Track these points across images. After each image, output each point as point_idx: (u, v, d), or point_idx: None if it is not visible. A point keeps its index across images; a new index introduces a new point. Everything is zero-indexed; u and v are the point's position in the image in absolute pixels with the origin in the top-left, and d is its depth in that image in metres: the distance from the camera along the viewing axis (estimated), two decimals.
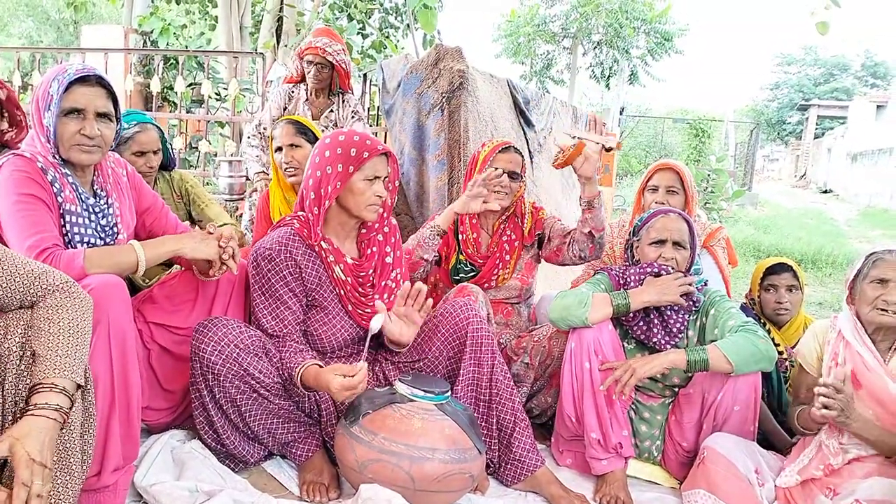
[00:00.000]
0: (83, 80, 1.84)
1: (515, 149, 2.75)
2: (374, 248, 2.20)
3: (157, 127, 2.88)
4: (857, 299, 2.08)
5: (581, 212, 2.61)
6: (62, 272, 1.56)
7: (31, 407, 1.37)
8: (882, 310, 1.99)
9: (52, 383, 1.40)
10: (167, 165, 3.00)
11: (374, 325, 1.93)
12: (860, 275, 2.07)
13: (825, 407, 1.86)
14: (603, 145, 2.54)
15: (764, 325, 2.74)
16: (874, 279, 2.02)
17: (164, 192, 2.96)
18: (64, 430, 1.47)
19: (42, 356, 1.42)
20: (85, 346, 1.50)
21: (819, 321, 2.26)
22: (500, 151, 2.70)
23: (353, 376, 1.79)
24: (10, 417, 1.44)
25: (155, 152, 2.83)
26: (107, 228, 1.98)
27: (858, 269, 2.08)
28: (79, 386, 1.46)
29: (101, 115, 1.88)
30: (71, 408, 1.43)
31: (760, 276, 2.77)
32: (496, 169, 2.60)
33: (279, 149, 2.96)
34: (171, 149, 3.04)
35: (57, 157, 1.87)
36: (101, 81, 1.89)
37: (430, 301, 2.05)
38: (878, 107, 24.73)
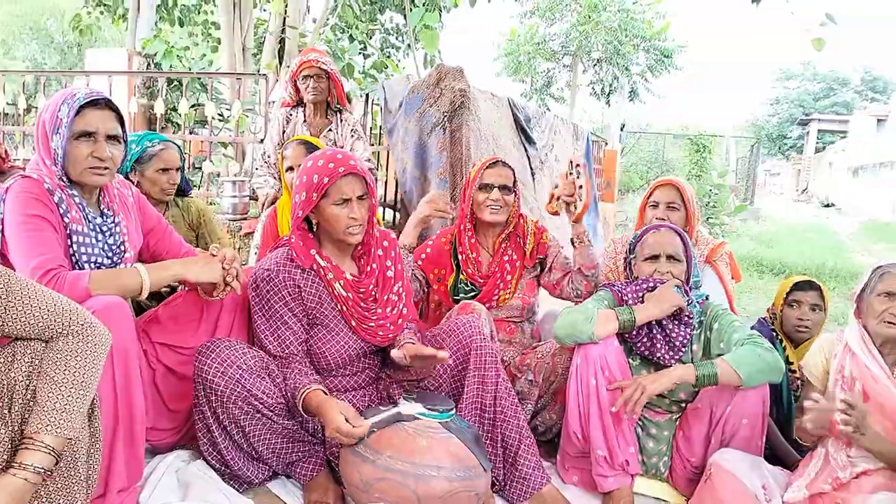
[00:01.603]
0: (93, 103, 1.88)
1: (504, 163, 2.78)
2: (375, 264, 2.20)
3: (179, 149, 2.94)
4: (864, 313, 2.09)
5: (573, 248, 2.68)
6: (85, 311, 1.56)
7: (15, 465, 1.40)
8: (889, 322, 2.00)
9: (42, 441, 1.41)
10: (182, 191, 3.02)
11: (404, 410, 1.91)
12: (867, 288, 2.09)
13: (844, 423, 1.86)
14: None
15: (780, 341, 2.73)
16: (881, 292, 2.04)
17: (174, 217, 2.97)
18: (69, 452, 1.48)
19: (40, 405, 1.43)
20: (88, 396, 1.51)
21: (825, 335, 2.26)
22: (487, 167, 2.74)
23: (353, 427, 1.81)
24: (17, 443, 1.44)
25: (177, 170, 2.87)
26: (114, 247, 2.00)
27: (865, 283, 2.10)
28: (69, 439, 1.47)
29: (111, 138, 1.92)
30: (57, 463, 1.45)
31: (786, 292, 2.76)
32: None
33: (290, 168, 3.03)
34: (186, 174, 3.07)
35: (64, 178, 1.89)
36: (109, 104, 1.93)
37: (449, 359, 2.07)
38: (879, 121, 24.83)
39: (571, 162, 2.73)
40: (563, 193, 2.69)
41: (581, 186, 2.63)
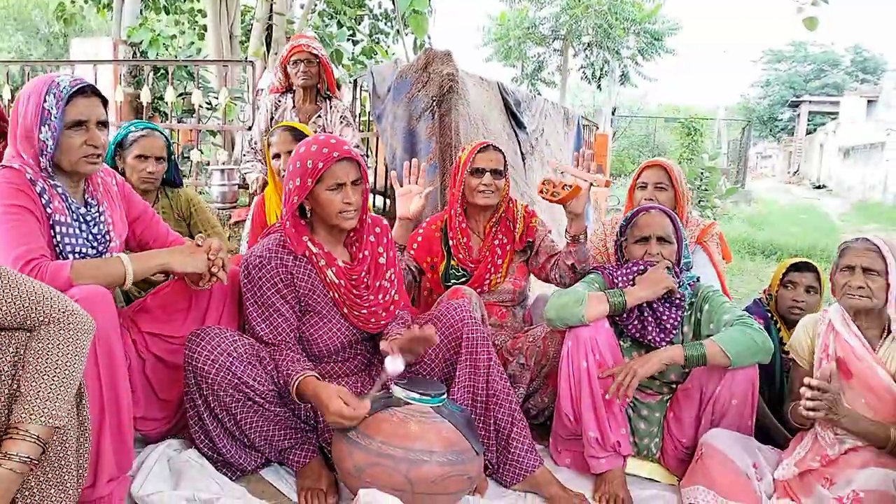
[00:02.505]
0: (80, 91, 1.86)
1: (495, 147, 2.76)
2: (367, 251, 2.19)
3: (167, 139, 2.87)
4: (835, 289, 2.12)
5: (566, 243, 2.64)
6: (67, 299, 1.55)
7: (0, 455, 1.39)
8: (850, 294, 2.04)
9: (27, 430, 1.40)
10: (173, 182, 2.97)
11: (391, 369, 1.92)
12: (835, 266, 2.13)
13: (812, 409, 1.88)
14: (591, 182, 2.56)
15: (775, 322, 2.74)
16: (843, 267, 2.08)
17: (164, 208, 2.93)
18: (58, 442, 1.47)
19: (24, 395, 1.42)
20: (73, 384, 1.49)
21: (809, 315, 2.28)
22: (479, 151, 2.72)
23: (354, 409, 1.81)
24: (2, 434, 1.43)
25: (158, 160, 2.79)
26: (98, 237, 1.98)
27: (835, 261, 2.14)
28: (56, 427, 1.45)
29: (101, 124, 1.92)
30: (43, 453, 1.44)
31: (782, 273, 2.77)
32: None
33: (277, 155, 2.98)
34: (177, 165, 3.00)
35: (49, 169, 1.87)
36: (94, 91, 1.91)
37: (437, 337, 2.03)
38: (869, 102, 24.84)
39: (552, 175, 2.67)
40: (549, 189, 2.64)
41: (568, 185, 2.56)
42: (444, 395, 1.96)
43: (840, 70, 34.06)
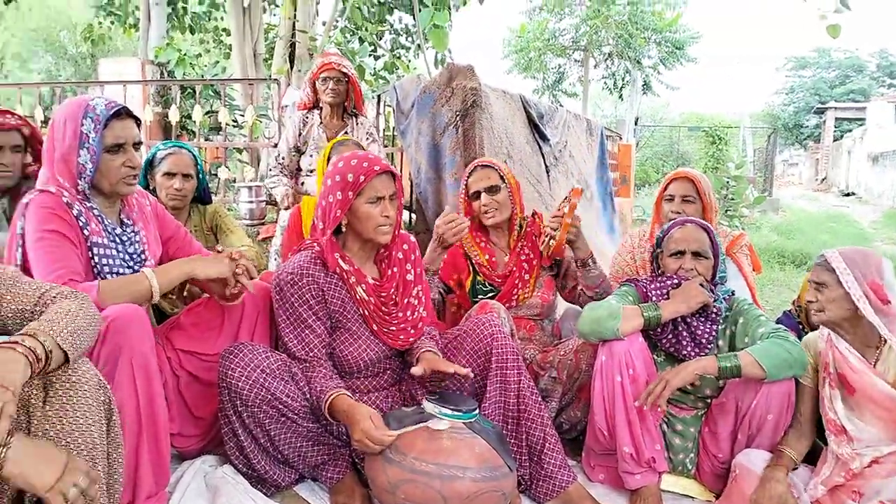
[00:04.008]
0: (116, 114, 1.90)
1: (484, 164, 2.75)
2: (395, 269, 2.20)
3: (194, 156, 2.92)
4: None
5: (576, 270, 2.69)
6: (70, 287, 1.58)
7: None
8: (817, 311, 2.08)
9: (34, 334, 1.36)
10: (203, 199, 3.03)
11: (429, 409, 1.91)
12: None
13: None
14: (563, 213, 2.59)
15: (807, 334, 2.71)
16: (811, 283, 2.12)
17: (195, 225, 2.99)
18: (87, 457, 1.47)
19: (39, 321, 1.40)
20: (87, 332, 1.46)
21: (810, 333, 2.27)
22: (469, 176, 2.75)
23: (381, 435, 1.80)
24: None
25: (186, 176, 2.84)
26: (135, 256, 2.02)
27: None
28: (66, 356, 1.39)
29: (136, 145, 1.97)
30: (47, 362, 1.36)
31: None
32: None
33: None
34: (207, 182, 3.06)
35: (85, 191, 1.90)
36: (129, 112, 1.96)
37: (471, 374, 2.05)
38: None
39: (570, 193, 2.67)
40: (548, 225, 2.64)
41: (563, 215, 2.56)
42: (476, 411, 1.95)
43: (865, 75, 33.58)
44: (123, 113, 1.93)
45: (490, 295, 2.72)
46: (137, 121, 1.99)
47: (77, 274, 1.82)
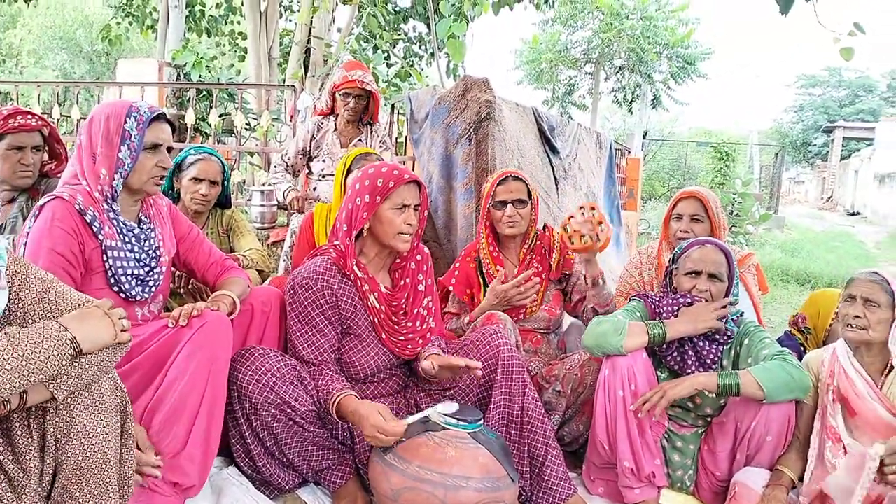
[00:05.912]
0: (157, 117, 2.01)
1: (515, 176, 2.76)
2: (408, 279, 2.24)
3: (223, 164, 2.99)
4: (840, 322, 2.14)
5: (585, 287, 2.74)
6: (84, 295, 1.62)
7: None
8: (848, 325, 2.05)
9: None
10: (224, 204, 3.11)
11: (442, 410, 1.95)
12: (841, 297, 2.14)
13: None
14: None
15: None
16: (845, 297, 2.09)
17: (212, 227, 3.08)
18: (100, 454, 1.51)
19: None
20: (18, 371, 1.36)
21: (812, 352, 2.28)
22: (499, 184, 2.74)
23: (393, 426, 1.84)
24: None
25: (213, 183, 2.92)
26: (150, 252, 2.07)
27: (842, 293, 2.15)
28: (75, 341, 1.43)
29: (169, 149, 2.07)
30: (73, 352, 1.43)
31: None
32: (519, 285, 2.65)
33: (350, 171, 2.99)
34: (231, 190, 3.15)
35: (116, 189, 1.96)
36: (166, 118, 2.07)
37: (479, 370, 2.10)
38: None
39: (583, 207, 2.70)
40: (584, 230, 2.65)
41: (601, 223, 2.61)
42: (481, 421, 1.98)
43: (875, 95, 33.51)
44: (162, 117, 2.04)
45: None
46: (173, 126, 2.09)
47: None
